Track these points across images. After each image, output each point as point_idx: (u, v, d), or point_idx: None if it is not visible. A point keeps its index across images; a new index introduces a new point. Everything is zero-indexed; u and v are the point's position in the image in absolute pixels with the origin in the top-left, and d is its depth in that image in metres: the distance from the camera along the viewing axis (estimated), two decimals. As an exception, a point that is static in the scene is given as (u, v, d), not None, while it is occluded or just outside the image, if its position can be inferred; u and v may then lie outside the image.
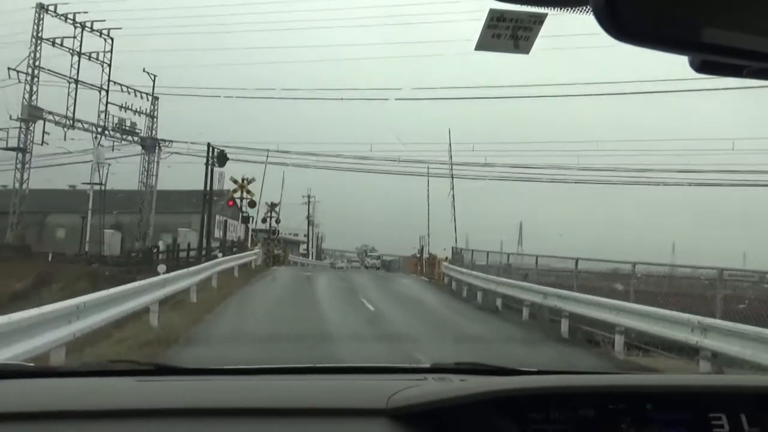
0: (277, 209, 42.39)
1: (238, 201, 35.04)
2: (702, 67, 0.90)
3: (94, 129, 38.82)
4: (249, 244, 32.79)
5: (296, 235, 67.88)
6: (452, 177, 33.39)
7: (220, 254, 20.96)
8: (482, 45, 5.00)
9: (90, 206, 36.46)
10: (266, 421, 1.74)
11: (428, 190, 40.46)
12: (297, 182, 59.12)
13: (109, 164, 37.00)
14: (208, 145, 32.77)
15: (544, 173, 38.59)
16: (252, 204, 34.77)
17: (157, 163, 42.48)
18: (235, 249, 30.96)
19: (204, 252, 29.85)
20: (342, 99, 33.98)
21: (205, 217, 33.29)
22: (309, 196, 67.27)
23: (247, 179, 34.16)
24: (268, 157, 35.29)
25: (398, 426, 1.69)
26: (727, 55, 0.84)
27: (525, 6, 0.98)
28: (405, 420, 1.70)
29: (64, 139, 37.08)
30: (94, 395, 1.89)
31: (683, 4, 0.80)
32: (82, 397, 1.87)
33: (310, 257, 66.11)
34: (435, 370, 2.30)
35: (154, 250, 32.87)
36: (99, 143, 39.00)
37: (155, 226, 42.67)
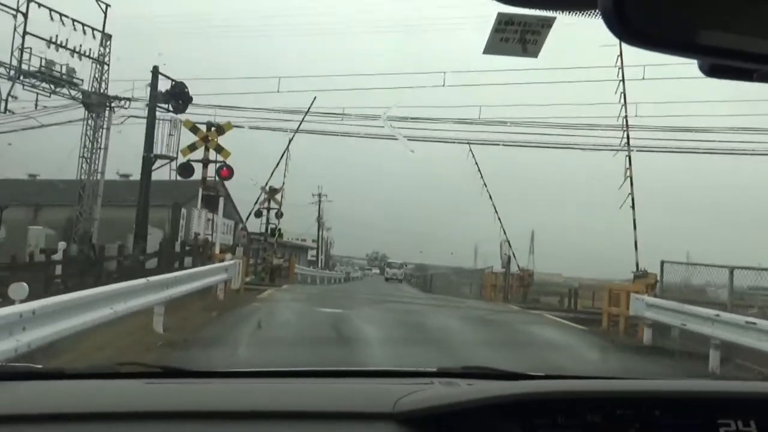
0: (278, 197, 28.16)
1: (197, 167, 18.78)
2: (711, 70, 0.89)
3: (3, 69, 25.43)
4: (217, 249, 17.95)
5: (304, 240, 58.11)
6: (627, 138, 18.70)
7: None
8: (490, 48, 5.69)
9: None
10: (273, 424, 1.74)
11: (479, 169, 26.92)
12: (298, 178, 44.86)
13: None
14: (155, 69, 18.67)
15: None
16: (226, 173, 18.93)
17: (107, 128, 28.75)
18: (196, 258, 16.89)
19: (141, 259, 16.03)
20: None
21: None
22: (320, 195, 55.14)
23: (216, 126, 18.89)
24: (311, 106, 20.75)
25: (405, 430, 1.69)
26: (736, 58, 0.83)
27: (533, 9, 0.94)
28: (412, 424, 1.70)
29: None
30: (102, 397, 1.90)
31: (692, 7, 0.80)
32: (91, 399, 1.87)
33: (320, 265, 56.16)
34: (442, 374, 2.31)
35: (52, 258, 18.98)
36: (9, 93, 25.64)
37: (111, 223, 29.49)
